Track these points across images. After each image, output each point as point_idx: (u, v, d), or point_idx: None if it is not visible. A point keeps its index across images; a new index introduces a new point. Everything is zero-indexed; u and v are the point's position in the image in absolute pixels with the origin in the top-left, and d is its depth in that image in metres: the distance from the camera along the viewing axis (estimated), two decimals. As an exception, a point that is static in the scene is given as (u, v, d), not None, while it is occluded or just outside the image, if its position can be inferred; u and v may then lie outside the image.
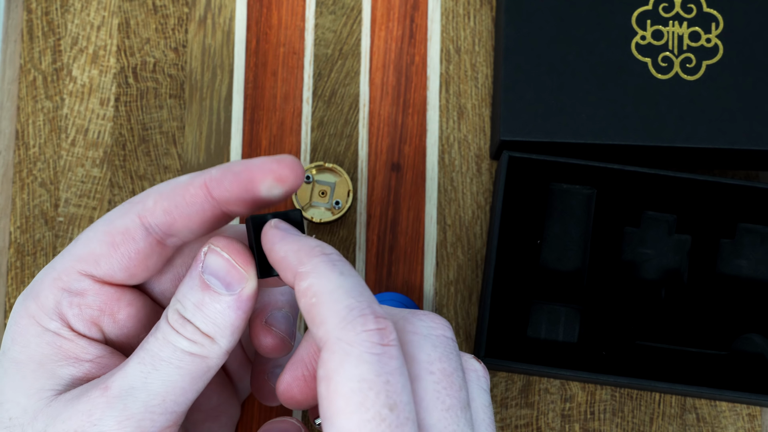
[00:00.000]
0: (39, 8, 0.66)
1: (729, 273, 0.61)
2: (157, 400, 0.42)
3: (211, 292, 0.43)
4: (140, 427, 0.41)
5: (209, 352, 0.43)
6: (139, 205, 0.45)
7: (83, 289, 0.45)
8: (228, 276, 0.43)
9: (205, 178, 0.44)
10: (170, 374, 0.42)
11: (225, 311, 0.43)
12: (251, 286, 0.43)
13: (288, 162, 0.43)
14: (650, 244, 0.62)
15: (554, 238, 0.61)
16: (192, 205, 0.44)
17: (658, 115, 0.60)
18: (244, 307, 0.43)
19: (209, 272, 0.43)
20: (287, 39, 0.66)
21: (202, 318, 0.43)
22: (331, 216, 0.63)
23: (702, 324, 0.61)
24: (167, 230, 0.45)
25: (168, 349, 0.42)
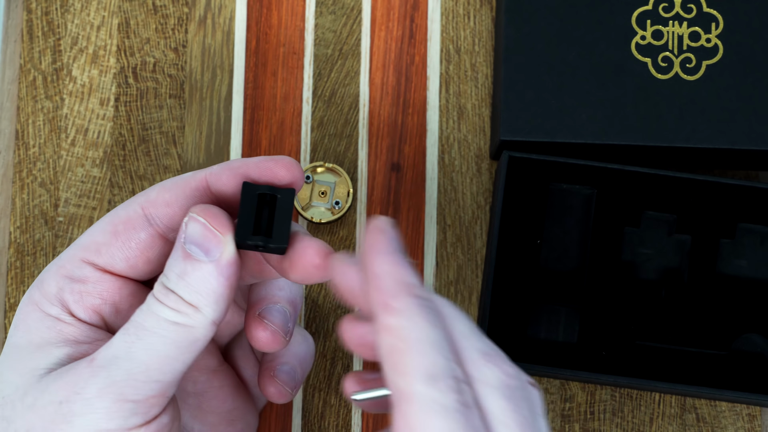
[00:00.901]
0: (39, 8, 0.66)
1: (729, 273, 0.61)
2: (141, 368, 0.42)
3: (192, 260, 0.43)
4: (122, 394, 0.42)
5: (194, 321, 0.43)
6: (142, 197, 0.46)
7: (84, 276, 0.45)
8: (206, 241, 0.43)
9: (206, 173, 0.45)
10: (154, 343, 0.42)
11: (207, 278, 0.43)
12: (230, 250, 0.43)
13: (285, 162, 0.44)
14: (650, 244, 0.62)
15: (554, 238, 0.61)
16: (192, 198, 0.45)
17: (658, 115, 0.60)
18: (225, 273, 0.43)
19: (190, 241, 0.43)
20: (287, 39, 0.66)
21: (185, 287, 0.43)
22: (331, 216, 0.63)
23: (702, 324, 0.61)
24: (168, 222, 0.45)
25: (152, 319, 0.43)
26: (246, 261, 0.47)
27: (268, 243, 0.44)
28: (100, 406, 0.42)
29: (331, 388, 0.62)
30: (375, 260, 0.41)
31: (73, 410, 0.42)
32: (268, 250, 0.45)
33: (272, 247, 0.44)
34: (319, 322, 0.63)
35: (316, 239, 0.45)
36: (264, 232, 0.44)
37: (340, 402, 0.62)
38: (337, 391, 0.62)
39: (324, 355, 0.63)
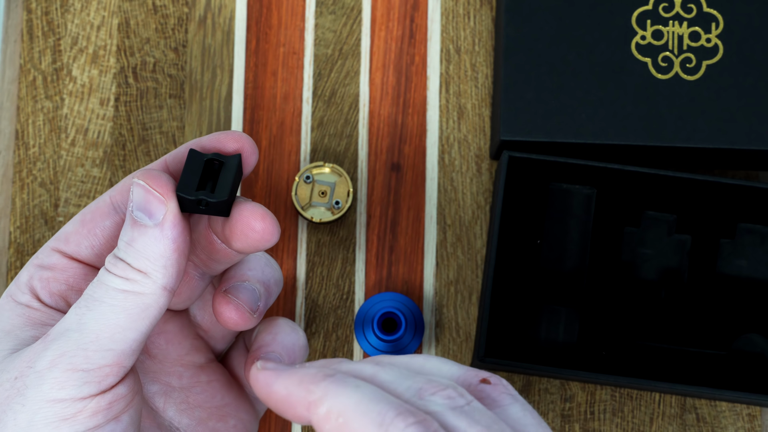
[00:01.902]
0: (39, 8, 0.66)
1: (729, 273, 0.61)
2: (90, 337, 0.42)
3: (138, 226, 0.43)
4: (72, 363, 0.42)
5: (143, 288, 0.43)
6: (113, 189, 0.47)
7: (52, 263, 0.46)
8: (148, 204, 0.43)
9: (166, 157, 0.46)
10: (104, 312, 0.43)
11: (153, 243, 0.43)
12: (172, 210, 0.43)
13: (234, 135, 0.45)
14: (650, 244, 0.62)
15: (554, 238, 0.61)
16: None
17: (658, 115, 0.60)
18: (170, 235, 0.43)
19: (135, 207, 0.44)
20: (287, 39, 0.66)
21: (133, 253, 0.43)
22: (331, 216, 0.63)
23: (702, 324, 0.61)
24: None
25: (101, 289, 0.43)
26: (196, 234, 0.47)
27: (209, 198, 0.44)
28: (50, 376, 0.42)
29: (331, 388, 0.62)
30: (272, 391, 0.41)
31: (26, 383, 0.42)
32: (211, 209, 0.45)
33: (213, 203, 0.44)
34: (318, 322, 0.63)
35: (256, 203, 0.45)
36: (209, 188, 0.44)
37: (340, 402, 0.62)
38: (337, 391, 0.62)
39: (324, 355, 0.63)
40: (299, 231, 0.64)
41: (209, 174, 0.45)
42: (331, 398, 0.39)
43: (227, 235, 0.46)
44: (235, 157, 0.45)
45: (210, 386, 0.51)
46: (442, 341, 0.63)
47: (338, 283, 0.63)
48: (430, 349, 0.63)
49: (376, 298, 0.61)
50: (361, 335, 0.61)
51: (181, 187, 0.44)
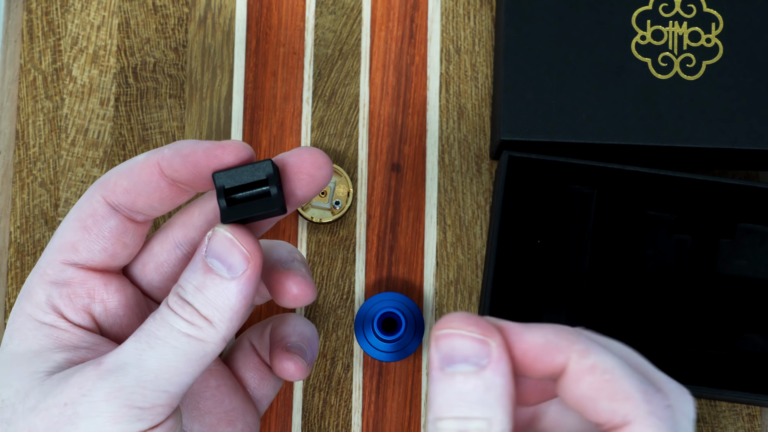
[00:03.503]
0: (39, 8, 0.66)
1: (729, 273, 0.61)
2: (150, 376, 0.42)
3: (212, 275, 0.43)
4: (130, 400, 0.42)
5: (206, 335, 0.43)
6: (101, 187, 0.45)
7: (69, 278, 0.45)
8: (231, 257, 0.43)
9: (157, 157, 0.45)
10: (165, 353, 0.42)
11: (225, 294, 0.43)
12: (254, 268, 0.43)
13: (232, 147, 0.44)
14: (650, 244, 0.62)
15: (554, 238, 0.61)
16: (149, 184, 0.45)
17: (658, 115, 0.60)
18: (245, 291, 0.43)
19: (212, 255, 0.43)
20: (287, 39, 0.66)
21: (203, 300, 0.43)
22: (331, 216, 0.63)
23: (702, 324, 0.61)
24: (132, 207, 0.45)
25: (165, 329, 0.42)
26: None
27: (223, 211, 0.43)
28: (106, 409, 0.41)
29: (331, 388, 0.62)
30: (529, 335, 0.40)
31: (79, 412, 0.41)
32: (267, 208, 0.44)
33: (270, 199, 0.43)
34: (318, 322, 0.63)
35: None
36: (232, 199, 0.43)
37: (340, 402, 0.62)
38: (337, 391, 0.62)
39: (324, 355, 0.63)
40: (299, 231, 0.64)
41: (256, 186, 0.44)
42: (596, 354, 0.38)
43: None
44: (266, 163, 0.43)
45: (218, 391, 0.51)
46: (442, 341, 0.63)
47: (338, 283, 0.63)
48: (430, 349, 0.63)
49: (376, 298, 0.61)
50: (361, 335, 0.61)
51: (223, 174, 0.43)
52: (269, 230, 0.64)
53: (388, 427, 0.62)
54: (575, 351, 0.38)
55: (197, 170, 0.44)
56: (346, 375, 0.62)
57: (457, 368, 0.38)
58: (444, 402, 0.38)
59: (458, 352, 0.38)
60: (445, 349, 0.39)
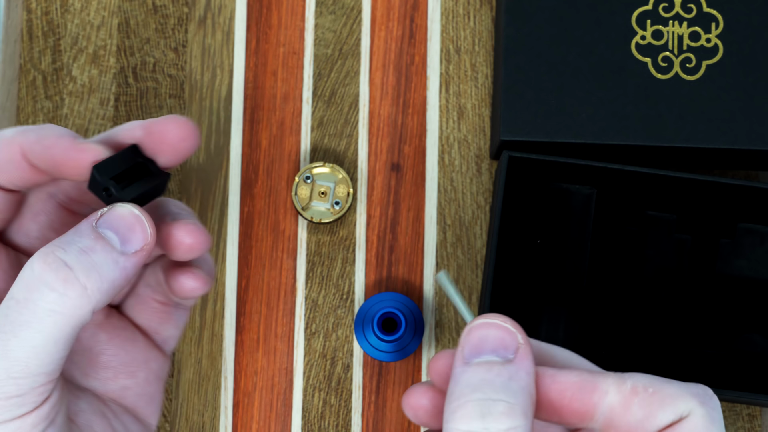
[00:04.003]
0: (39, 8, 0.66)
1: (729, 273, 0.61)
2: (19, 366, 0.40)
3: (103, 242, 0.40)
4: (4, 393, 0.40)
5: (75, 306, 0.40)
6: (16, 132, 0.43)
7: None
8: (131, 233, 0.41)
9: (21, 139, 0.42)
10: (31, 338, 0.40)
11: (112, 265, 0.40)
12: (149, 250, 0.41)
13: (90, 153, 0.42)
14: (650, 244, 0.62)
15: (554, 238, 0.61)
16: (11, 163, 0.43)
17: (658, 115, 0.60)
18: (132, 270, 0.41)
19: (106, 227, 0.41)
20: (287, 39, 0.66)
21: (87, 263, 0.40)
22: (331, 216, 0.63)
23: (702, 324, 0.61)
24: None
25: (28, 312, 0.40)
26: None
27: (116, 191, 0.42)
28: None
29: (331, 388, 0.62)
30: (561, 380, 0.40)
31: None
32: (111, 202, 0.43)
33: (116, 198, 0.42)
34: (318, 322, 0.63)
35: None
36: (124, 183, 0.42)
37: (340, 402, 0.62)
38: (337, 391, 0.62)
39: (324, 355, 0.63)
40: (299, 231, 0.64)
41: (136, 172, 0.42)
42: (629, 377, 0.39)
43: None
44: (165, 175, 0.43)
45: (111, 344, 0.48)
46: (442, 341, 0.63)
47: (338, 283, 0.63)
48: (430, 349, 0.63)
49: (376, 298, 0.61)
50: (361, 335, 0.61)
51: (102, 166, 0.41)
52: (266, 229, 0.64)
53: (388, 427, 0.62)
54: (611, 383, 0.39)
55: (55, 164, 0.42)
56: (346, 375, 0.62)
57: (483, 358, 0.38)
58: (466, 385, 0.38)
59: (487, 343, 0.38)
60: (475, 340, 0.39)
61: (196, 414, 0.62)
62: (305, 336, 0.63)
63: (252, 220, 0.64)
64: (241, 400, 0.62)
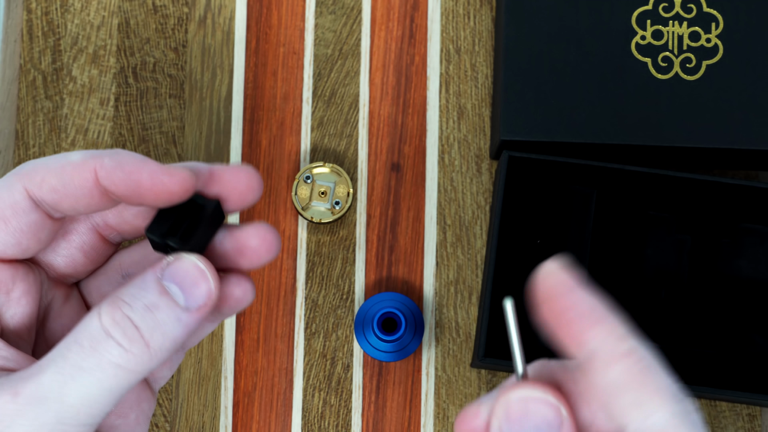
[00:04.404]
0: (39, 8, 0.66)
1: (729, 273, 0.61)
2: (71, 412, 0.40)
3: (168, 298, 0.40)
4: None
5: (138, 363, 0.40)
6: (25, 178, 0.42)
7: None
8: (195, 288, 0.41)
9: (96, 164, 0.42)
10: (89, 386, 0.40)
11: (175, 322, 0.40)
12: (212, 305, 0.41)
13: (180, 177, 0.41)
14: (650, 244, 0.62)
15: (554, 238, 0.61)
16: (80, 189, 0.42)
17: (658, 115, 0.60)
18: (194, 325, 0.41)
19: (171, 280, 0.41)
20: (287, 39, 0.66)
21: (152, 321, 0.40)
22: (331, 216, 0.63)
23: (702, 324, 0.61)
24: (55, 206, 0.43)
25: (93, 359, 0.40)
26: None
27: (177, 246, 0.41)
28: None
29: (331, 388, 0.62)
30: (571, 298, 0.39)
31: None
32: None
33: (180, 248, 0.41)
34: (318, 322, 0.63)
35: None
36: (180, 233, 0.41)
37: (340, 402, 0.62)
38: (337, 392, 0.62)
39: (324, 355, 0.63)
40: (299, 231, 0.64)
41: (186, 213, 0.42)
42: (635, 340, 0.38)
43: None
44: (212, 202, 0.42)
45: None
46: (442, 341, 0.63)
47: (338, 283, 0.63)
48: (430, 349, 0.63)
49: (376, 298, 0.61)
50: (361, 335, 0.61)
51: (152, 227, 0.41)
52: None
53: (388, 427, 0.62)
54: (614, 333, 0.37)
55: (138, 190, 0.41)
56: (346, 375, 0.62)
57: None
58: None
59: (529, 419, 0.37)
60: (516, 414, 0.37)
61: (196, 414, 0.62)
62: (305, 336, 0.63)
63: (252, 220, 0.64)
64: (241, 400, 0.62)
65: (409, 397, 0.62)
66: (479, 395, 0.62)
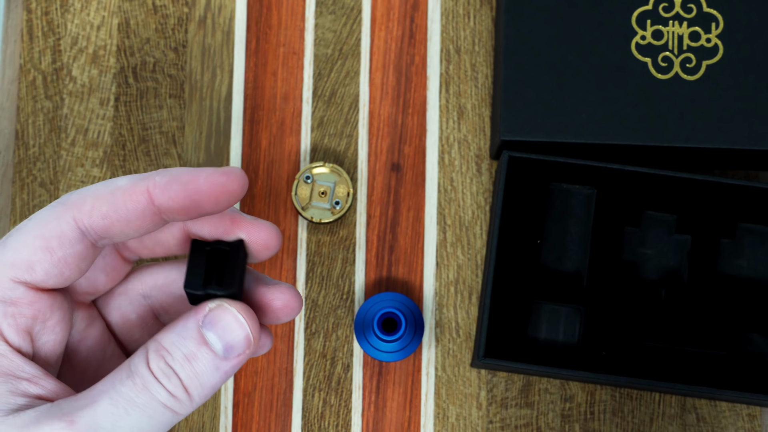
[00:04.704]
0: (39, 8, 0.66)
1: (729, 273, 0.61)
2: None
3: (206, 348, 0.42)
4: None
5: (182, 408, 0.42)
6: (74, 208, 0.43)
7: (17, 297, 0.43)
8: (233, 337, 0.42)
9: (147, 184, 0.42)
10: (141, 422, 0.41)
11: (214, 373, 0.42)
12: (250, 353, 0.43)
13: (236, 175, 0.42)
14: (650, 244, 0.62)
15: (554, 238, 0.61)
16: (133, 212, 0.43)
17: (658, 115, 0.60)
18: (232, 372, 0.42)
19: (211, 329, 0.42)
20: (287, 39, 0.66)
21: (190, 372, 0.41)
22: (331, 216, 0.63)
23: (702, 324, 0.61)
24: (102, 233, 0.43)
25: (145, 397, 0.41)
26: None
27: (218, 292, 0.43)
28: None
29: (331, 388, 0.62)
30: None
31: None
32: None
33: (222, 295, 0.43)
34: (318, 322, 0.63)
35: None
36: (215, 282, 0.43)
37: (340, 402, 0.62)
38: (337, 392, 0.62)
39: (324, 355, 0.63)
40: (299, 231, 0.64)
41: (215, 261, 0.43)
42: None
43: None
44: (237, 243, 0.43)
45: None
46: (442, 341, 0.63)
47: (338, 283, 0.63)
48: (430, 349, 0.63)
49: (376, 298, 0.61)
50: (361, 335, 0.61)
51: (189, 282, 0.42)
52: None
53: (388, 427, 0.62)
54: None
55: (197, 198, 0.42)
56: (346, 375, 0.62)
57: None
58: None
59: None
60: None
61: (196, 414, 0.62)
62: (305, 336, 0.63)
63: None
64: (241, 400, 0.62)
65: (409, 397, 0.62)
66: (479, 395, 0.62)
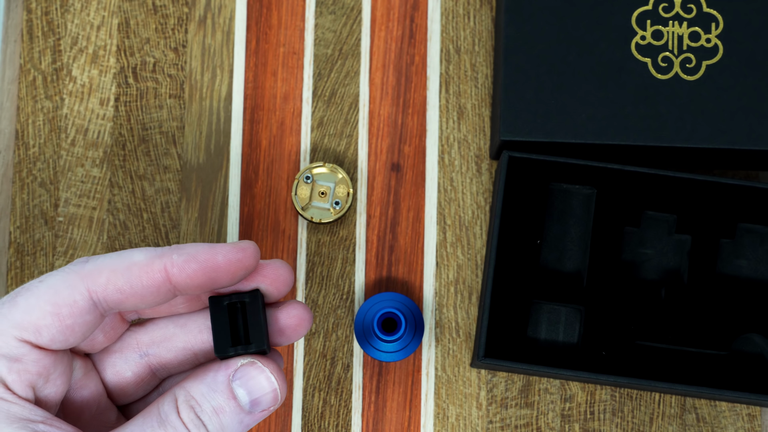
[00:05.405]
0: (39, 8, 0.66)
1: (729, 273, 0.61)
2: None
3: (234, 402, 0.43)
4: None
5: None
6: (88, 279, 0.43)
7: (21, 354, 0.43)
8: (261, 394, 0.44)
9: (165, 262, 0.43)
10: None
11: (239, 426, 0.44)
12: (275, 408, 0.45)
13: (252, 250, 0.44)
14: (650, 244, 0.62)
15: (554, 238, 0.61)
16: (149, 288, 0.43)
17: (658, 115, 0.60)
18: (253, 425, 0.44)
19: (241, 384, 0.44)
20: (287, 39, 0.66)
21: (218, 425, 0.43)
22: (331, 216, 0.63)
23: (702, 324, 0.61)
24: (115, 306, 0.44)
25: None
26: None
27: (248, 350, 0.44)
28: None
29: (331, 388, 0.62)
30: None
31: None
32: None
33: (253, 352, 0.45)
34: (318, 322, 0.63)
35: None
36: (242, 340, 0.44)
37: (340, 402, 0.62)
38: (337, 392, 0.62)
39: (324, 355, 0.63)
40: (299, 231, 0.64)
41: (236, 314, 0.45)
42: None
43: None
44: (254, 292, 0.45)
45: None
46: (442, 341, 0.63)
47: (338, 283, 0.63)
48: (430, 349, 0.63)
49: (376, 298, 0.61)
50: (361, 335, 0.61)
51: (219, 347, 0.44)
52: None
53: (388, 427, 0.62)
54: None
55: (214, 275, 0.43)
56: (346, 375, 0.62)
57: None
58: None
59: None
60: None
61: (196, 414, 0.62)
62: (305, 336, 0.63)
63: (252, 220, 0.64)
64: (241, 400, 0.62)
65: (409, 397, 0.62)
66: (479, 395, 0.62)
